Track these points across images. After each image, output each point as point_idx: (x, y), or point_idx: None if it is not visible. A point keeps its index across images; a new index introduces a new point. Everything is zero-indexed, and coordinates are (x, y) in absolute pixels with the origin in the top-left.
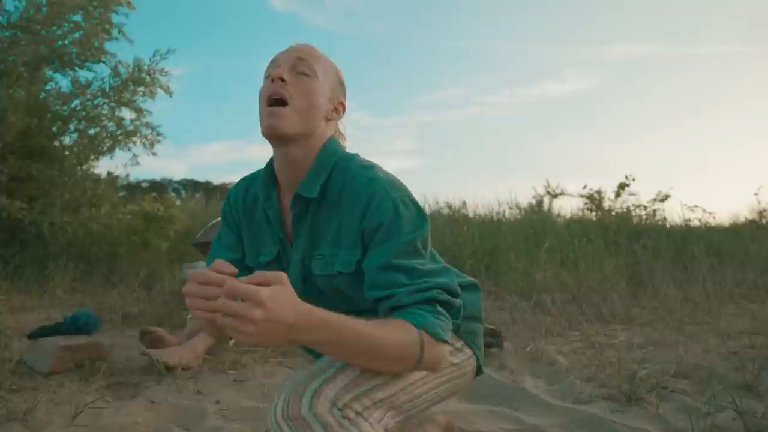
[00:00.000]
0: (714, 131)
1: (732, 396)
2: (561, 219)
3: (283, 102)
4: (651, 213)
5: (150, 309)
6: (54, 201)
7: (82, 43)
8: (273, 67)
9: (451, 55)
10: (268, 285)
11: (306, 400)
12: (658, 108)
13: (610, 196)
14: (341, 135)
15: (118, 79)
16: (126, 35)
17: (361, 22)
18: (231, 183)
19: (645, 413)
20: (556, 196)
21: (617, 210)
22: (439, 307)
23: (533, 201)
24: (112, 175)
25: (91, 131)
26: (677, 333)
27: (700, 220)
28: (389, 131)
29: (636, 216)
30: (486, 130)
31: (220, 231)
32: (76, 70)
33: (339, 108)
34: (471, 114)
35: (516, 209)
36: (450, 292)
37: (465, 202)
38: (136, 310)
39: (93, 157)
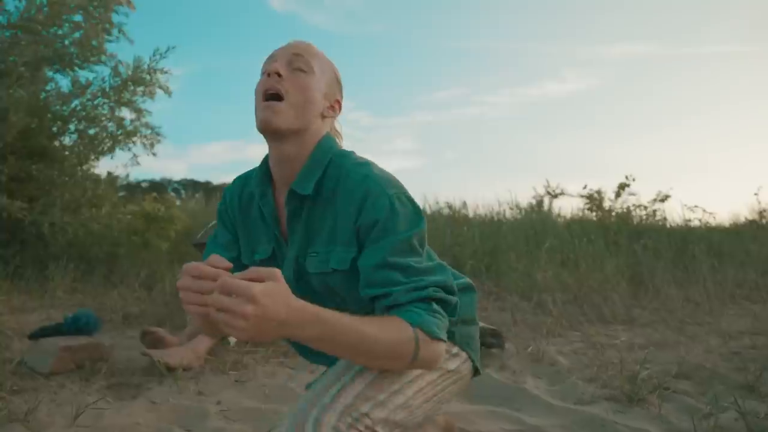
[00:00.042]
0: (714, 131)
1: (734, 396)
2: (561, 219)
3: (279, 97)
4: (651, 213)
5: (151, 309)
6: (54, 201)
7: (82, 44)
8: (270, 63)
9: (451, 55)
10: (261, 281)
11: (309, 427)
12: (658, 108)
13: (610, 196)
14: (337, 133)
15: (118, 79)
16: (126, 35)
17: (361, 22)
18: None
19: (647, 414)
20: (556, 196)
21: (617, 210)
22: (435, 305)
23: (533, 201)
24: (112, 176)
25: (91, 131)
26: (678, 333)
27: (700, 220)
28: (389, 131)
29: (636, 216)
30: (486, 130)
31: (216, 230)
32: (76, 70)
33: (335, 105)
34: (471, 114)
35: (516, 209)
36: (446, 289)
37: (465, 202)
38: (136, 310)
39: (93, 158)
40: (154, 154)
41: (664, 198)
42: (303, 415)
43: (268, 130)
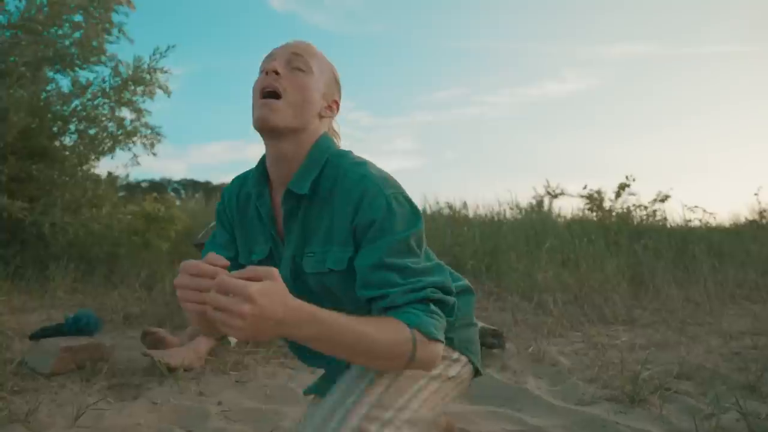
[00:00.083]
0: (714, 131)
1: (735, 397)
2: (562, 219)
3: (277, 95)
4: (651, 213)
5: (151, 309)
6: (55, 201)
7: (82, 44)
8: (268, 61)
9: (451, 55)
10: (259, 280)
11: None
12: (658, 108)
13: (610, 196)
14: (335, 134)
15: (118, 79)
16: (126, 34)
17: (361, 22)
18: None
19: (648, 414)
20: (556, 196)
21: (618, 210)
22: (433, 306)
23: (533, 201)
24: (112, 176)
25: (92, 131)
26: (679, 334)
27: (700, 220)
28: (389, 131)
29: (636, 216)
30: (486, 130)
31: (214, 230)
32: (76, 70)
33: (333, 106)
34: (471, 114)
35: (516, 209)
36: (444, 290)
37: (465, 202)
38: (137, 310)
39: (93, 158)
40: (154, 154)
41: (664, 198)
42: None
43: (264, 127)
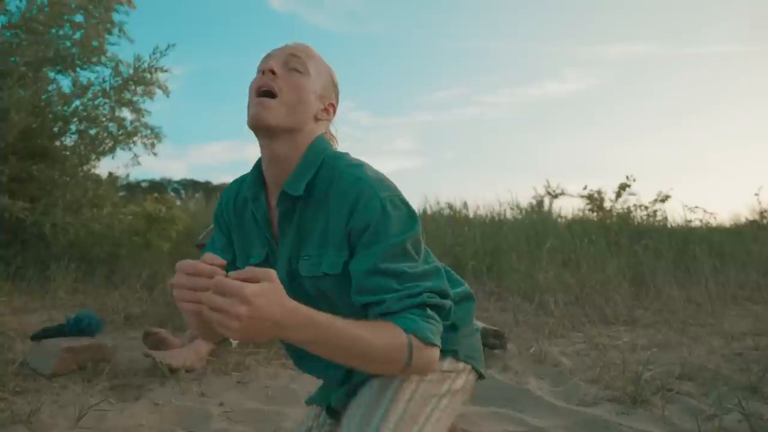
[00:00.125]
0: (714, 131)
1: (738, 398)
2: (562, 219)
3: (272, 94)
4: (652, 213)
5: (152, 310)
6: (56, 201)
7: (83, 44)
8: (265, 61)
9: (451, 55)
10: (257, 281)
11: None
12: (658, 108)
13: (610, 196)
14: (333, 137)
15: (119, 79)
16: (126, 34)
17: (361, 22)
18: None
19: (651, 415)
20: (556, 196)
21: (618, 210)
22: (429, 311)
23: (534, 201)
24: (113, 176)
25: (92, 131)
26: (681, 334)
27: (701, 220)
28: (389, 131)
29: (637, 216)
30: (486, 130)
31: (213, 234)
32: (77, 70)
33: (329, 109)
34: (471, 114)
35: (517, 209)
36: (441, 294)
37: (466, 202)
38: (138, 311)
39: (94, 158)
40: (155, 153)
41: (664, 198)
42: None
43: (257, 126)
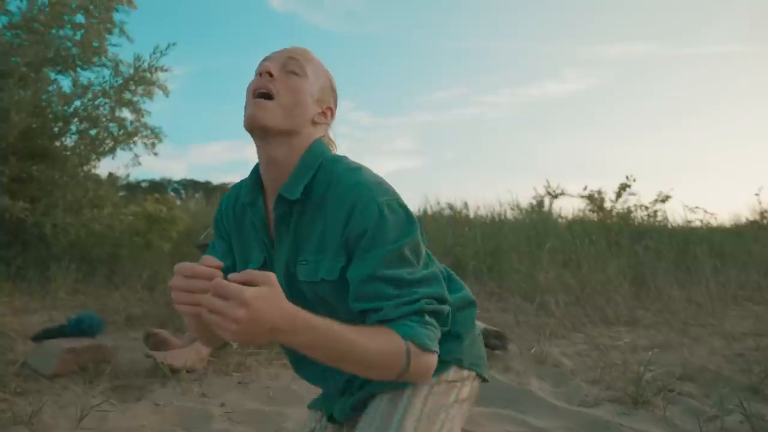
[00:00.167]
0: (714, 131)
1: (739, 399)
2: (563, 220)
3: (269, 96)
4: (652, 213)
5: (153, 310)
6: (56, 202)
7: (83, 44)
8: (263, 64)
9: (451, 55)
10: (256, 284)
11: None
12: (658, 108)
13: (611, 196)
14: (331, 141)
15: (119, 79)
16: (126, 33)
17: (361, 22)
18: (231, 183)
19: (652, 416)
20: (556, 196)
21: (618, 210)
22: (428, 317)
23: (534, 201)
24: (113, 176)
25: (93, 132)
26: (682, 335)
27: (701, 220)
28: (389, 131)
29: (637, 217)
30: (486, 130)
31: (212, 240)
32: (77, 71)
33: (327, 112)
34: (471, 114)
35: (517, 210)
36: (439, 300)
37: (466, 202)
38: (139, 311)
39: (94, 158)
40: (155, 154)
41: (665, 198)
42: None
43: (253, 127)
